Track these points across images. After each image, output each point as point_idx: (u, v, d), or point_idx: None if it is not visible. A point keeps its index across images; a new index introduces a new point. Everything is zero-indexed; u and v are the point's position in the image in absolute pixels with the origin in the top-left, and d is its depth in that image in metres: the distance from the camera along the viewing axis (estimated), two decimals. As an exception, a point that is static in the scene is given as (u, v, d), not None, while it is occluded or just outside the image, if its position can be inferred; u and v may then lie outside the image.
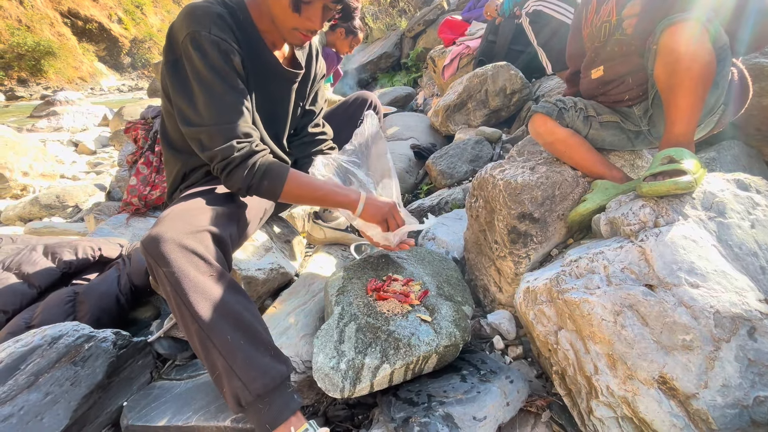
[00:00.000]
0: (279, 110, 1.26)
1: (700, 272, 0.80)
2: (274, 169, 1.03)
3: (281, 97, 1.24)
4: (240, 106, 1.01)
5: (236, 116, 1.00)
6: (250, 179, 1.01)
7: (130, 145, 3.42)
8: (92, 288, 1.36)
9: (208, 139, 0.99)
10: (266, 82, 1.16)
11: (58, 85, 19.74)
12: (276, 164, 1.04)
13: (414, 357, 0.90)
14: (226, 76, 0.99)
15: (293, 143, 1.41)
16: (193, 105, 0.98)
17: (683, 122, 0.93)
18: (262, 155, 1.03)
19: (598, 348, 0.79)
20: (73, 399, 0.97)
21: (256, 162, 1.01)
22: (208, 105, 0.97)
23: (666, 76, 0.94)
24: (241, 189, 1.03)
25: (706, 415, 0.73)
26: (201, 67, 0.96)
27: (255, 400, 0.80)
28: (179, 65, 0.99)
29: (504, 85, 2.51)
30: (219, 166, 1.00)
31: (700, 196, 0.91)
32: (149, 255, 0.81)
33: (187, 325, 0.81)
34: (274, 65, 1.15)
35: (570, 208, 1.14)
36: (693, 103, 0.92)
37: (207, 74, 0.97)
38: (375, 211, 1.12)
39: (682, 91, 0.92)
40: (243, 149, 0.99)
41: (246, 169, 1.00)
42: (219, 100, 0.98)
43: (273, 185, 1.03)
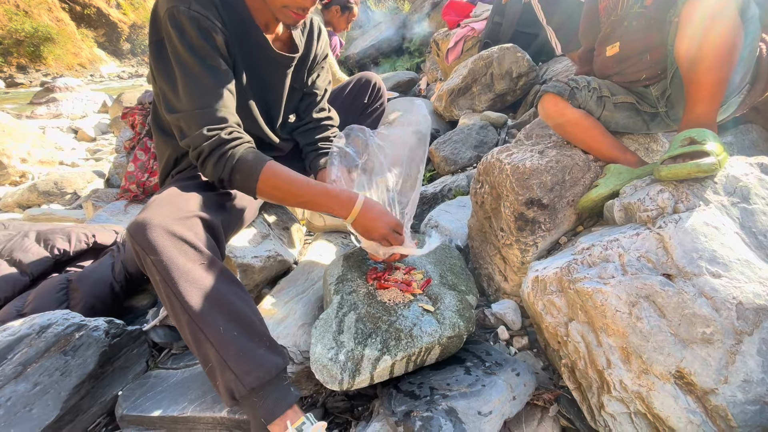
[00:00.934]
0: (272, 96, 1.18)
1: (722, 261, 0.75)
2: (247, 162, 0.91)
3: (274, 83, 1.16)
4: (220, 88, 0.93)
5: (213, 100, 0.91)
6: (220, 172, 0.91)
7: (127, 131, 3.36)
8: (86, 275, 1.32)
9: (186, 126, 0.91)
10: (257, 65, 1.08)
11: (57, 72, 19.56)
12: (250, 156, 0.92)
13: (416, 348, 0.87)
14: (205, 55, 0.91)
15: (298, 130, 1.34)
16: (174, 89, 0.91)
17: (706, 101, 0.87)
18: (235, 144, 0.91)
19: (611, 341, 0.75)
20: (63, 389, 0.94)
21: (226, 153, 0.90)
22: (186, 88, 0.90)
23: (688, 51, 0.88)
24: (215, 182, 0.94)
25: (725, 411, 0.69)
26: (179, 45, 0.89)
27: (249, 393, 0.77)
28: (162, 46, 0.92)
29: (510, 68, 2.42)
30: (193, 155, 0.92)
31: (723, 180, 0.85)
32: (135, 242, 0.77)
33: (178, 315, 0.77)
34: (265, 48, 1.07)
35: (581, 193, 1.08)
36: (717, 81, 0.85)
37: (185, 53, 0.89)
38: (371, 225, 0.95)
39: (705, 68, 0.85)
40: (212, 138, 0.89)
41: (215, 160, 0.90)
42: (196, 82, 0.90)
43: (246, 179, 0.91)
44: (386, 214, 0.98)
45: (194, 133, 0.89)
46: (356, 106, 1.50)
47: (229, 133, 0.92)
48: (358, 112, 1.51)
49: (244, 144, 0.94)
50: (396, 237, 0.98)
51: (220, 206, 0.97)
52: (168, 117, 0.94)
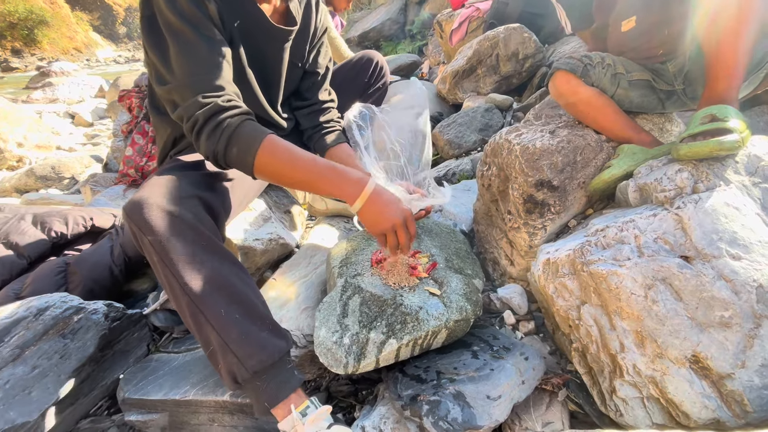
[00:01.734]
0: (271, 72, 1.12)
1: (742, 243, 0.72)
2: (244, 134, 0.81)
3: (272, 57, 1.10)
4: (215, 57, 0.85)
5: (208, 68, 0.83)
6: (215, 144, 0.81)
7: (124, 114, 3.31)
8: (84, 258, 1.30)
9: (179, 97, 0.83)
10: (253, 38, 1.01)
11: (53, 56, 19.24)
12: (249, 126, 0.83)
13: (422, 332, 0.84)
14: (198, 23, 0.84)
15: (302, 111, 1.30)
16: (166, 62, 0.84)
17: (727, 77, 0.82)
18: (232, 114, 0.82)
19: (625, 324, 0.73)
20: (63, 372, 0.93)
21: (222, 122, 0.80)
22: (179, 58, 0.82)
23: (709, 23, 0.83)
24: (210, 158, 0.85)
25: (741, 396, 0.67)
26: (170, 15, 0.82)
27: (252, 377, 0.75)
28: (153, 21, 0.85)
29: (516, 50, 2.36)
30: (187, 127, 0.83)
31: (744, 159, 0.81)
32: (132, 222, 0.74)
33: (177, 297, 0.74)
34: (261, 20, 1.00)
35: (592, 175, 1.05)
36: (740, 54, 0.81)
37: (177, 22, 0.82)
38: (379, 213, 0.82)
39: (728, 40, 0.81)
40: (208, 105, 0.80)
41: (210, 130, 0.81)
42: (190, 50, 0.82)
43: (243, 153, 0.81)
44: (397, 203, 0.85)
45: (188, 102, 0.81)
46: (357, 85, 1.45)
47: (227, 100, 0.83)
48: (360, 91, 1.46)
49: (243, 114, 0.84)
50: (405, 231, 0.85)
51: (219, 187, 0.94)
52: (159, 91, 0.87)
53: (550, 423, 0.80)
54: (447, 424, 0.70)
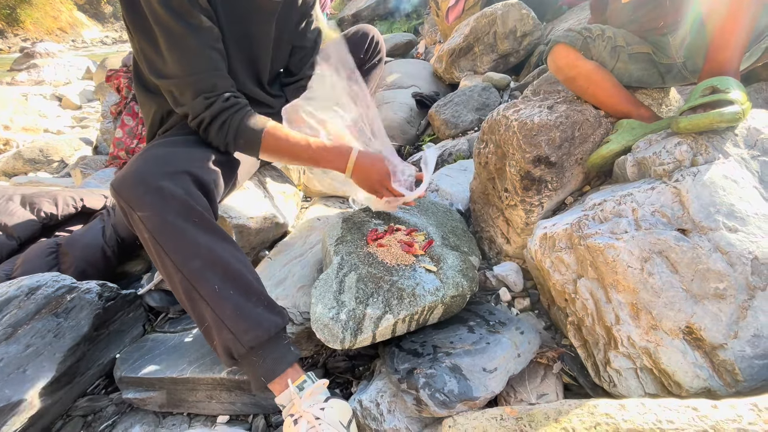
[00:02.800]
0: (258, 49, 1.09)
1: (739, 215, 0.72)
2: (249, 127, 0.92)
3: (259, 33, 1.06)
4: (206, 50, 0.88)
5: (203, 63, 0.88)
6: (224, 138, 0.91)
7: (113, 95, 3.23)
8: (75, 239, 1.28)
9: (178, 93, 0.89)
10: (239, 14, 0.99)
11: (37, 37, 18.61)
12: (251, 121, 0.92)
13: (419, 307, 0.84)
14: (184, 13, 0.84)
15: (290, 87, 1.26)
16: (158, 51, 0.85)
17: (729, 47, 0.81)
18: (234, 111, 0.91)
19: (621, 297, 0.73)
20: (58, 351, 0.92)
21: (226, 120, 0.90)
22: (171, 51, 0.85)
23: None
24: (221, 147, 0.94)
25: (733, 365, 0.69)
26: (155, 5, 0.81)
27: (248, 352, 0.75)
28: (136, 3, 0.83)
29: (514, 27, 2.30)
30: (193, 124, 0.92)
31: (743, 132, 0.81)
32: (121, 198, 0.72)
33: (170, 274, 0.73)
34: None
35: (590, 151, 1.04)
36: (742, 24, 0.79)
37: (162, 13, 0.82)
38: (366, 174, 0.97)
39: (732, 9, 0.79)
40: (212, 106, 0.89)
41: (217, 127, 0.90)
42: (180, 44, 0.85)
43: (250, 143, 0.93)
44: (379, 161, 0.99)
45: (189, 101, 0.88)
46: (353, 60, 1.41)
47: (226, 99, 0.91)
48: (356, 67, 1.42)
49: (243, 109, 0.93)
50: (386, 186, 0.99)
51: (212, 164, 0.91)
52: (158, 83, 0.90)
53: (544, 395, 0.81)
54: (443, 395, 0.71)
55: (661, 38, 1.03)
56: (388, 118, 2.24)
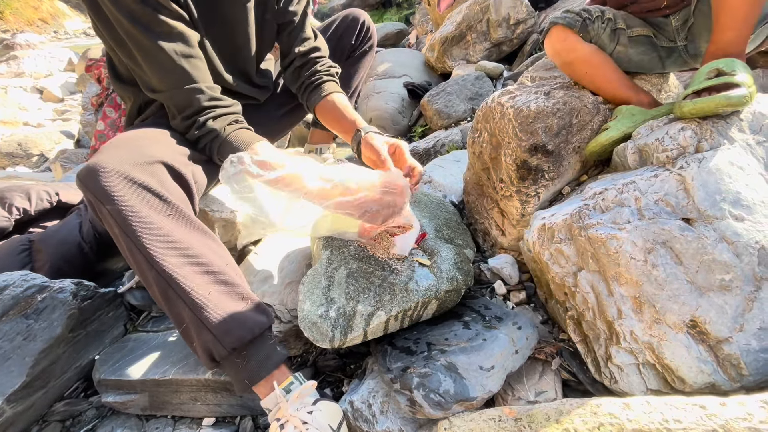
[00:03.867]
0: (236, 36, 1.01)
1: (745, 203, 0.69)
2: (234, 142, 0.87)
3: (236, 18, 0.99)
4: (179, 61, 0.83)
5: (175, 78, 0.84)
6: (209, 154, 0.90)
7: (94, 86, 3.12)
8: (50, 235, 1.21)
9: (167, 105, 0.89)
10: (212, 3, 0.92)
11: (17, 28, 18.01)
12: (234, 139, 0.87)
13: (412, 303, 0.80)
14: (150, 23, 0.78)
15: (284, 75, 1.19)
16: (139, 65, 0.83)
17: (735, 28, 0.77)
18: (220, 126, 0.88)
19: (623, 290, 0.69)
20: (28, 354, 0.87)
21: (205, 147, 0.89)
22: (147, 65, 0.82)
23: None
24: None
25: (738, 359, 0.66)
26: (121, 18, 0.76)
27: (230, 354, 0.70)
28: (98, 5, 0.78)
29: (507, 14, 2.26)
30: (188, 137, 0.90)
31: (749, 117, 0.77)
32: (87, 189, 0.66)
33: (143, 272, 0.68)
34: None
35: (588, 138, 1.00)
36: (750, 3, 0.76)
37: (130, 27, 0.77)
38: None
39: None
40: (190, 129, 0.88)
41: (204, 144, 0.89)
42: (153, 59, 0.81)
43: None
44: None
45: (175, 120, 0.88)
46: (342, 47, 1.35)
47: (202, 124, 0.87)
48: (345, 53, 1.36)
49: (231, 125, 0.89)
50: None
51: (190, 154, 0.85)
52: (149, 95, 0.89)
53: (543, 392, 0.78)
54: (438, 396, 0.67)
55: (663, 20, 0.99)
56: (380, 109, 2.19)
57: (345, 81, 1.39)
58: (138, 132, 0.81)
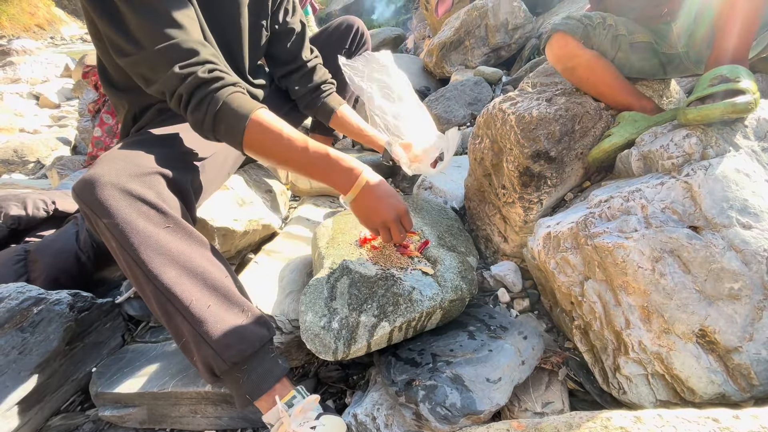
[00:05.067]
0: (229, 33, 1.00)
1: (753, 211, 0.68)
2: (232, 110, 0.75)
3: (230, 17, 0.98)
4: (180, 17, 0.76)
5: (176, 31, 0.74)
6: (202, 120, 0.75)
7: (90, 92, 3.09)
8: (46, 245, 1.19)
9: (149, 69, 0.75)
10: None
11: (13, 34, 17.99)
12: (236, 102, 0.76)
13: (416, 313, 0.79)
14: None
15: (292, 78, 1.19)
16: (123, 30, 0.73)
17: (739, 34, 0.77)
18: (216, 87, 0.75)
19: (631, 299, 0.69)
20: (23, 369, 0.85)
21: (206, 97, 0.74)
22: (140, 25, 0.72)
23: None
24: (198, 132, 0.79)
25: (748, 369, 0.65)
26: None
27: (231, 368, 0.68)
28: None
29: (506, 20, 2.26)
30: (172, 104, 0.77)
31: (753, 124, 0.77)
32: (83, 203, 0.65)
33: (142, 286, 0.66)
34: None
35: (590, 145, 1.00)
36: (753, 9, 0.75)
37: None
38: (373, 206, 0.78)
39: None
40: (189, 78, 0.74)
41: (194, 106, 0.75)
42: (150, 14, 0.72)
43: (231, 129, 0.75)
44: (391, 197, 0.80)
45: (164, 75, 0.73)
46: (337, 53, 1.35)
47: (209, 71, 0.75)
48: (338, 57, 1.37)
49: (229, 86, 0.77)
50: (398, 228, 0.81)
51: (187, 163, 0.84)
52: (123, 64, 0.77)
53: (550, 403, 0.76)
54: (445, 410, 0.66)
55: (663, 26, 0.99)
56: (379, 114, 2.18)
57: (340, 87, 1.40)
58: (134, 142, 0.80)
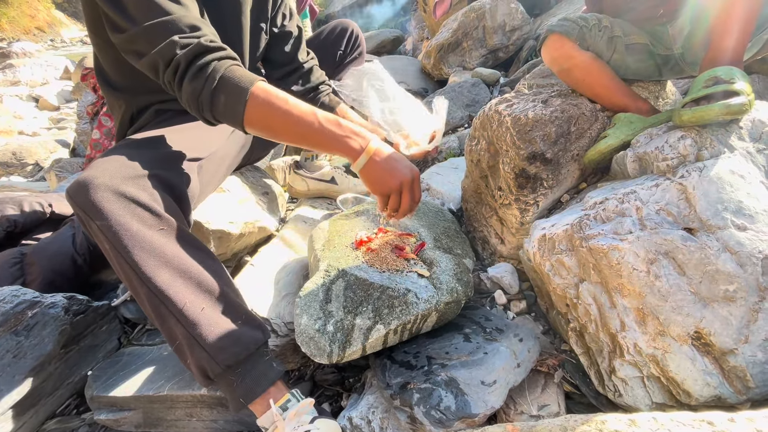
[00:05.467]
0: (230, 33, 1.01)
1: (748, 213, 0.68)
2: (235, 77, 0.71)
3: (231, 18, 0.99)
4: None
5: (177, 7, 0.72)
6: (199, 91, 0.71)
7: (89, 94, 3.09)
8: (42, 248, 1.19)
9: (146, 42, 0.71)
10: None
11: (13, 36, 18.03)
12: (238, 71, 0.73)
13: (411, 316, 0.79)
14: None
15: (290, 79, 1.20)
16: (120, 6, 0.71)
17: (735, 34, 0.77)
18: (220, 55, 0.72)
19: (626, 302, 0.68)
20: (18, 372, 0.84)
21: (208, 63, 0.70)
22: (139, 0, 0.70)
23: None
24: (193, 107, 0.75)
25: (744, 371, 0.65)
26: None
27: (224, 371, 0.68)
28: None
29: (503, 21, 2.27)
30: (167, 76, 0.73)
31: (748, 125, 0.77)
32: (77, 205, 0.65)
33: (135, 288, 0.66)
34: None
35: (586, 146, 0.99)
36: (747, 10, 0.75)
37: None
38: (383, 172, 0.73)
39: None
40: (189, 46, 0.70)
41: (193, 74, 0.70)
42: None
43: (232, 102, 0.71)
44: (404, 160, 0.76)
45: (161, 44, 0.69)
46: (332, 56, 1.36)
47: (210, 40, 0.72)
48: (335, 61, 1.37)
49: (230, 58, 0.74)
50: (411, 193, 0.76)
51: (183, 166, 0.84)
52: (117, 41, 0.74)
53: (546, 405, 0.76)
54: (440, 413, 0.66)
55: (659, 28, 0.99)
56: (377, 116, 2.19)
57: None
58: (129, 144, 0.80)
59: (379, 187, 0.75)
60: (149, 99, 0.96)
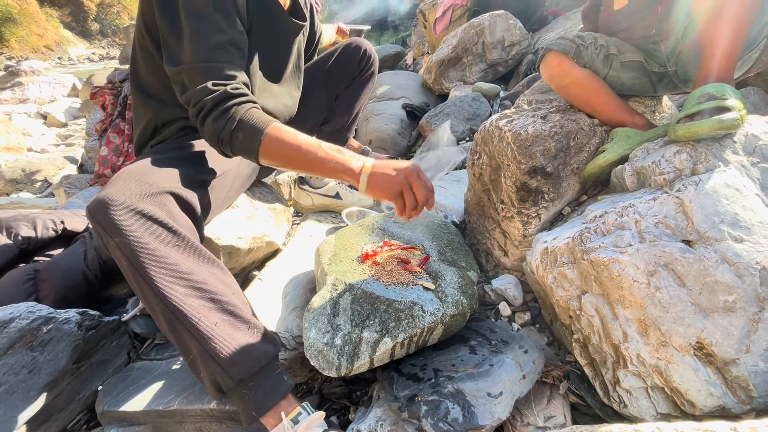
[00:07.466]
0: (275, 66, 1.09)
1: (744, 225, 0.70)
2: (252, 119, 0.82)
3: (280, 52, 1.08)
4: (231, 46, 0.87)
5: (222, 56, 0.85)
6: (221, 129, 0.82)
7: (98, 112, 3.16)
8: (55, 264, 1.22)
9: (188, 80, 0.84)
10: (268, 33, 1.00)
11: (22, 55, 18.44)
12: (256, 114, 0.84)
13: (418, 329, 0.81)
14: (225, 14, 0.86)
15: None
16: (180, 40, 0.84)
17: (725, 54, 0.80)
18: (241, 101, 0.84)
19: (628, 313, 0.70)
20: (33, 388, 0.86)
21: (229, 109, 0.82)
22: (195, 40, 0.83)
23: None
24: (214, 143, 0.86)
25: (746, 381, 0.66)
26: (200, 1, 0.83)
27: (237, 385, 0.70)
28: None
29: (502, 37, 2.32)
30: (193, 111, 0.85)
31: (742, 139, 0.79)
32: (97, 223, 0.67)
33: (151, 304, 0.68)
34: (278, 14, 1.01)
35: (586, 160, 1.02)
36: (737, 30, 0.79)
37: (203, 6, 0.83)
38: (386, 177, 0.79)
39: (726, 14, 0.78)
40: (216, 92, 0.82)
41: (217, 115, 0.82)
42: (208, 35, 0.84)
43: (249, 139, 0.82)
44: (399, 163, 0.83)
45: (197, 86, 0.82)
46: (345, 75, 1.39)
47: (235, 88, 0.84)
48: (348, 80, 1.41)
49: (249, 103, 0.86)
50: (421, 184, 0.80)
51: (199, 182, 0.87)
52: (169, 71, 0.87)
53: (552, 417, 0.77)
54: (447, 425, 0.67)
55: (653, 46, 1.02)
56: (379, 130, 2.23)
57: (347, 106, 1.44)
58: (146, 161, 0.83)
59: (387, 190, 0.80)
60: (177, 113, 1.01)
